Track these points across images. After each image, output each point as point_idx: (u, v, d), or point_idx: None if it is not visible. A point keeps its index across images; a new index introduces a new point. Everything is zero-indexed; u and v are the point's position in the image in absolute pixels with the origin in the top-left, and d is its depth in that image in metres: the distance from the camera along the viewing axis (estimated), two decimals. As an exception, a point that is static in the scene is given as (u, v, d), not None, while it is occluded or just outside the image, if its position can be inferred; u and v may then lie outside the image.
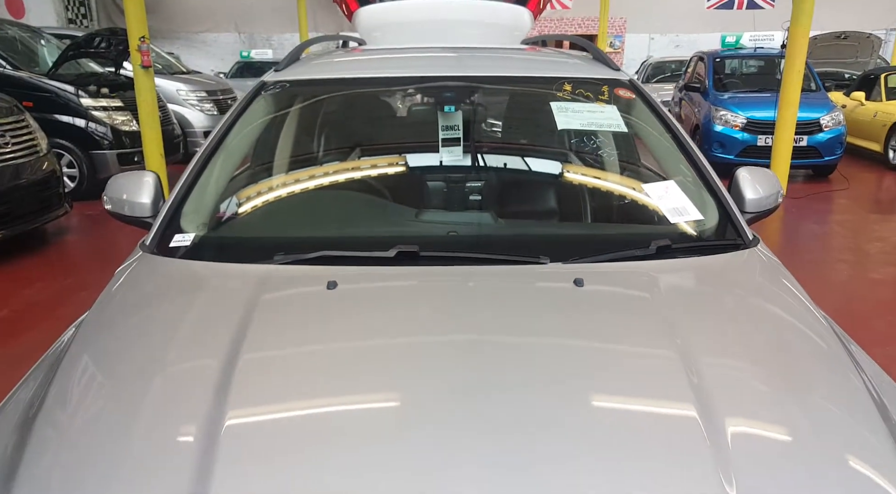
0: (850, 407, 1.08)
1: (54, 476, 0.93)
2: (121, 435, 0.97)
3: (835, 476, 0.91)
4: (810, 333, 1.28)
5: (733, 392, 1.05)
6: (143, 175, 1.83)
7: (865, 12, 17.35)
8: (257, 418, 0.99)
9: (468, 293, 1.32)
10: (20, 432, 1.03)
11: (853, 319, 3.72)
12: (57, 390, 1.11)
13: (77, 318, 1.55)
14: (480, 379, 1.05)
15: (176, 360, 1.15)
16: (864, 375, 1.18)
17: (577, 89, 1.97)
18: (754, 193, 1.79)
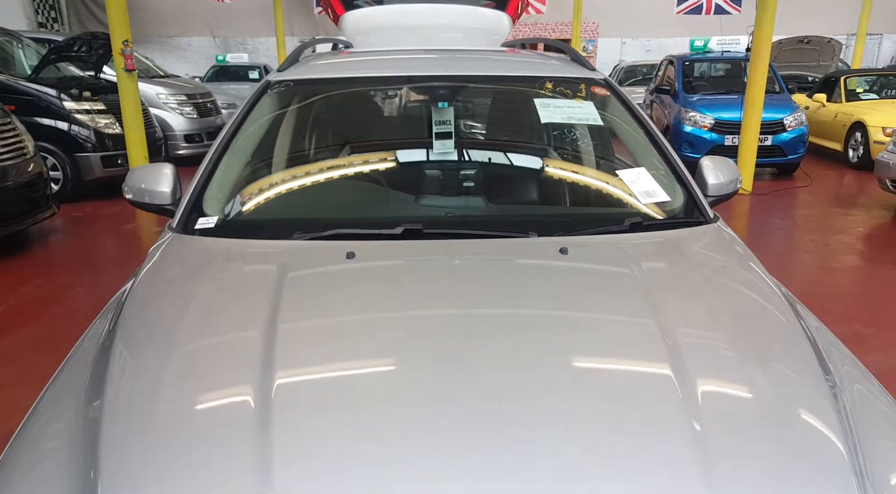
0: (795, 361, 1.25)
1: (131, 417, 1.07)
2: (184, 393, 1.10)
3: (784, 422, 1.06)
4: (760, 294, 1.49)
5: (692, 339, 1.23)
6: (161, 167, 1.98)
7: (828, 18, 18.07)
8: (301, 377, 1.13)
9: (469, 261, 1.51)
10: (93, 387, 1.17)
11: (812, 302, 3.99)
12: (120, 345, 1.25)
13: (76, 312, 1.67)
14: (485, 328, 1.24)
15: (223, 323, 1.30)
16: (807, 331, 1.37)
17: (557, 87, 2.18)
18: (716, 179, 2.02)
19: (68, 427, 1.10)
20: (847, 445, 1.01)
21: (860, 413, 1.12)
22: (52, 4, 15.83)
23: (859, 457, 1.00)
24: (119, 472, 0.95)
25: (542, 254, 1.53)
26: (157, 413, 1.07)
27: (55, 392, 1.24)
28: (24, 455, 1.07)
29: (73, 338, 3.10)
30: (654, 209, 1.84)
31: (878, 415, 1.16)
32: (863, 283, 4.49)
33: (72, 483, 0.96)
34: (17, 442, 1.10)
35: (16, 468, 1.04)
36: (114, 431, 1.03)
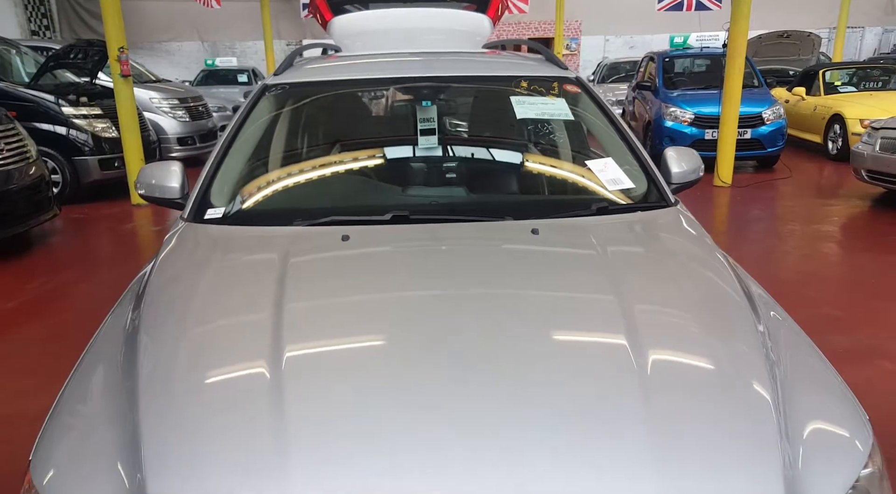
0: (736, 328, 1.39)
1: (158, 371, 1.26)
2: (207, 365, 1.26)
3: (721, 386, 1.21)
4: (711, 268, 1.68)
5: (646, 311, 1.40)
6: (170, 164, 2.16)
7: (809, 12, 18.40)
8: (309, 350, 1.29)
9: (451, 241, 1.71)
10: (128, 350, 1.35)
11: (786, 287, 4.22)
12: (147, 322, 1.43)
13: (82, 305, 1.83)
14: (463, 299, 1.45)
15: (237, 297, 1.49)
16: (749, 299, 1.54)
17: (532, 86, 2.39)
18: (679, 168, 2.22)
19: (105, 396, 1.25)
20: (776, 407, 1.14)
21: (793, 374, 1.28)
22: (44, 13, 15.91)
23: (783, 417, 1.13)
24: (158, 436, 1.09)
25: (516, 235, 1.74)
26: (187, 381, 1.22)
27: (88, 364, 1.40)
28: (65, 419, 1.23)
29: (80, 328, 3.38)
30: (620, 195, 2.04)
31: (807, 375, 1.33)
32: (835, 269, 4.73)
33: (113, 442, 1.11)
34: (58, 408, 1.27)
35: (57, 433, 1.19)
36: (149, 399, 1.17)
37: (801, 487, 1.02)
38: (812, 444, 1.11)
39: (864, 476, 1.09)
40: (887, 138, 5.98)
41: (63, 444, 1.16)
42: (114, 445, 1.11)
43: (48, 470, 1.10)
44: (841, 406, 1.23)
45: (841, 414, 1.21)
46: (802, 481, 1.03)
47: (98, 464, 1.08)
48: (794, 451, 1.08)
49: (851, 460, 1.10)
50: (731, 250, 5.06)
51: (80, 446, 1.15)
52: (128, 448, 1.09)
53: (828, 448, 1.12)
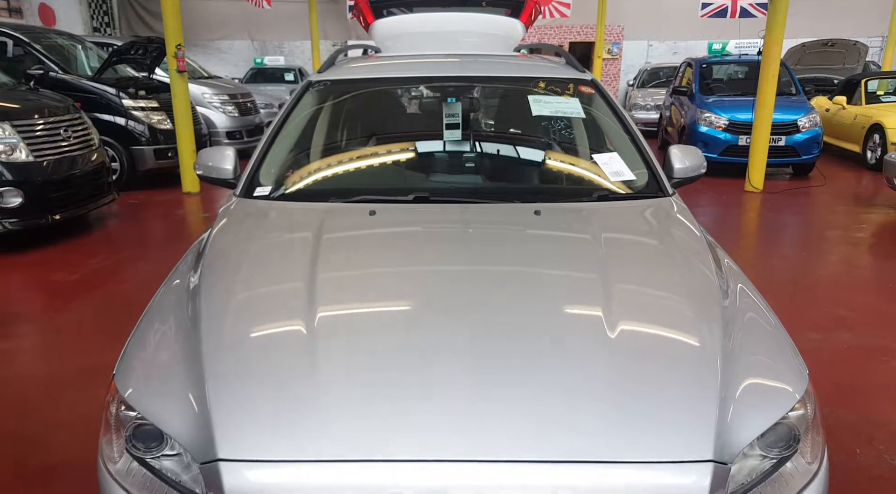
0: (701, 301, 1.56)
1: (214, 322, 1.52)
2: (254, 319, 1.49)
3: (675, 349, 1.41)
4: (692, 250, 1.86)
5: (625, 286, 1.61)
6: (224, 149, 2.47)
7: (860, 21, 17.99)
8: (337, 312, 1.52)
9: (465, 218, 1.96)
10: (192, 300, 1.61)
11: (799, 288, 4.33)
12: (207, 273, 1.71)
13: (137, 278, 2.08)
14: (471, 267, 1.70)
15: (281, 259, 1.77)
16: (721, 279, 1.69)
17: (550, 86, 2.62)
18: (681, 164, 2.42)
19: (172, 333, 1.51)
20: (722, 368, 1.31)
21: (748, 337, 1.46)
22: (105, 10, 16.79)
23: (730, 372, 1.30)
24: (218, 374, 1.31)
25: (520, 216, 1.98)
26: (239, 331, 1.46)
27: (158, 305, 1.67)
28: (141, 346, 1.51)
29: (136, 298, 3.80)
30: (621, 185, 2.26)
31: (760, 337, 1.50)
32: (853, 273, 4.79)
33: (181, 371, 1.35)
34: (135, 337, 1.56)
35: (135, 355, 1.48)
36: (209, 343, 1.39)
37: (735, 420, 1.23)
38: (751, 389, 1.31)
39: (792, 416, 1.29)
40: (920, 148, 5.97)
41: (140, 366, 1.44)
42: (181, 373, 1.36)
43: (128, 387, 1.38)
44: (784, 362, 1.43)
45: (782, 369, 1.40)
46: (732, 418, 1.23)
47: (170, 387, 1.34)
48: (734, 394, 1.28)
49: (781, 403, 1.29)
50: (745, 251, 5.17)
51: (154, 369, 1.43)
52: (193, 378, 1.33)
53: (763, 394, 1.32)
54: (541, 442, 1.14)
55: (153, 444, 1.29)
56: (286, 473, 1.11)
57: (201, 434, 1.20)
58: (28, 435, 2.51)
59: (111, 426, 1.36)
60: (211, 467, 1.14)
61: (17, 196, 4.87)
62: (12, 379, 3.02)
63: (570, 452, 1.13)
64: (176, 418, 1.26)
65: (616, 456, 1.13)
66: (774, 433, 1.26)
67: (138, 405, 1.31)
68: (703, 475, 1.11)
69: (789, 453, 1.29)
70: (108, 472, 1.31)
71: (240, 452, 1.14)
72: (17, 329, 3.62)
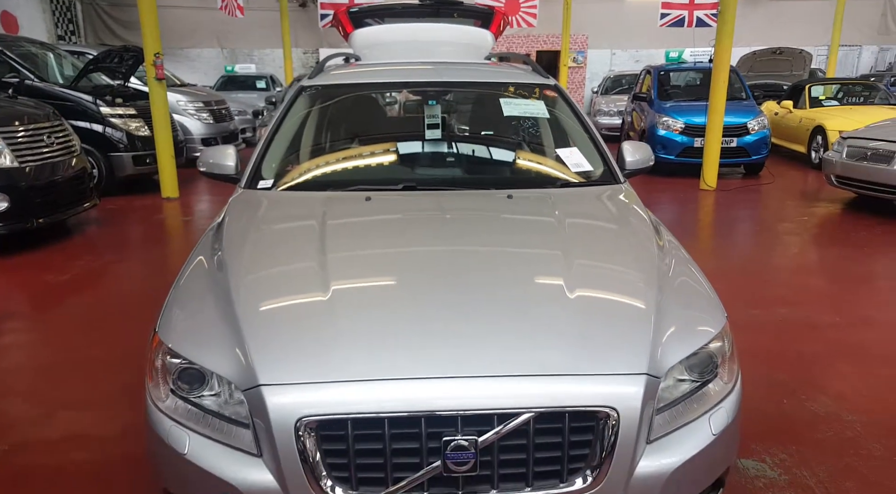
0: (640, 263, 1.88)
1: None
2: (274, 287, 1.75)
3: (618, 306, 1.70)
4: (636, 226, 2.17)
5: (581, 258, 1.90)
6: (226, 148, 2.72)
7: (807, 31, 19.02)
8: (348, 285, 1.75)
9: (447, 201, 2.28)
10: (216, 270, 1.88)
11: (748, 273, 4.76)
12: (228, 246, 1.96)
13: (122, 279, 2.31)
14: (456, 237, 2.01)
15: (291, 234, 2.05)
16: (659, 247, 2.02)
17: (518, 90, 2.95)
18: (632, 157, 2.77)
19: (206, 292, 1.76)
20: (656, 311, 1.61)
21: (679, 290, 1.79)
22: (70, 18, 16.68)
23: (661, 315, 1.61)
24: (253, 328, 1.53)
25: (495, 199, 2.30)
26: (265, 293, 1.71)
27: (191, 271, 1.92)
28: (180, 303, 1.77)
29: (123, 296, 4.10)
30: (581, 174, 2.60)
31: (689, 290, 1.84)
32: (795, 259, 5.24)
33: (219, 323, 1.59)
34: (174, 294, 1.82)
35: (176, 311, 1.73)
36: (242, 302, 1.63)
37: (664, 347, 1.55)
38: (679, 326, 1.63)
39: (712, 347, 1.62)
40: (853, 147, 6.51)
41: (181, 322, 1.70)
42: (218, 323, 1.61)
43: (172, 339, 1.63)
44: (706, 310, 1.75)
45: (705, 314, 1.73)
46: (663, 346, 1.55)
47: (210, 335, 1.59)
48: (665, 330, 1.61)
49: (701, 336, 1.62)
50: (699, 242, 5.61)
51: (193, 323, 1.68)
52: (229, 326, 1.58)
53: (688, 330, 1.64)
54: (509, 363, 1.44)
55: (196, 385, 1.55)
56: (313, 391, 1.39)
57: (242, 368, 1.47)
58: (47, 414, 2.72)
59: (157, 373, 1.62)
60: (254, 392, 1.42)
61: (3, 200, 5.00)
62: (24, 367, 3.21)
63: (533, 368, 1.43)
64: (218, 358, 1.52)
65: (569, 371, 1.43)
66: (697, 359, 1.59)
67: (184, 352, 1.57)
68: (638, 384, 1.43)
69: (710, 377, 1.62)
70: (157, 409, 1.57)
71: (277, 378, 1.42)
72: (20, 323, 3.79)
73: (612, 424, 1.39)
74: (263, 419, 1.39)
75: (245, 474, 1.41)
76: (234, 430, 1.47)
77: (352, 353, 1.46)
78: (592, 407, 1.39)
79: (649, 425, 1.46)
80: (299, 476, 1.36)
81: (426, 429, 1.36)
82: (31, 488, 2.23)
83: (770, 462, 2.35)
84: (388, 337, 1.51)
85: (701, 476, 1.56)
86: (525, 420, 1.36)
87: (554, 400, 1.38)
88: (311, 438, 1.36)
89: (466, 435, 1.35)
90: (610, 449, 1.39)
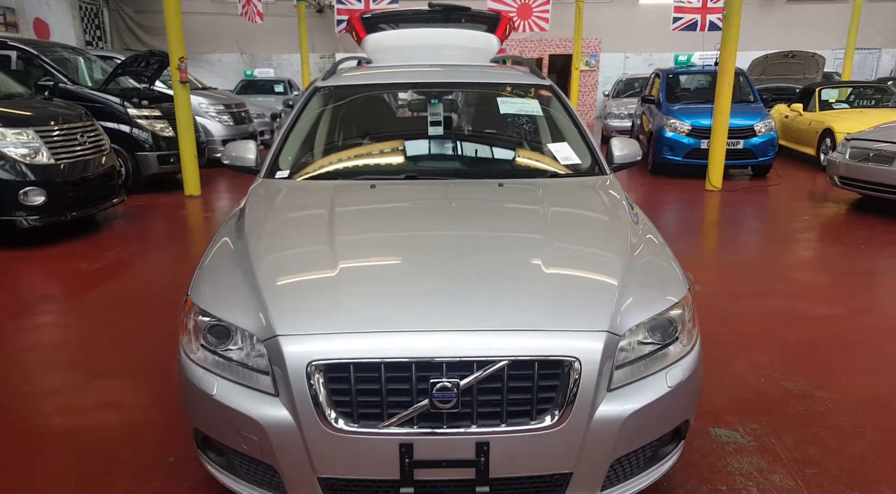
0: (613, 244, 2.10)
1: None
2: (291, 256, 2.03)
3: (590, 276, 1.93)
4: (614, 211, 2.40)
5: (559, 241, 2.11)
6: (247, 143, 2.99)
7: (825, 34, 19.03)
8: (352, 256, 2.00)
9: (446, 189, 2.53)
10: (240, 242, 2.14)
11: (744, 266, 4.94)
12: (249, 225, 2.22)
13: (151, 267, 2.61)
14: (450, 219, 2.25)
15: (306, 214, 2.31)
16: (633, 230, 2.23)
17: (515, 90, 3.20)
18: (620, 152, 3.00)
19: (232, 263, 2.02)
20: (620, 287, 1.82)
21: (647, 267, 2.00)
22: (98, 25, 17.26)
23: (627, 289, 1.83)
24: (272, 292, 1.79)
25: (488, 187, 2.55)
26: (281, 265, 1.97)
27: (218, 248, 2.18)
28: (210, 271, 2.04)
29: (151, 283, 4.48)
30: (570, 167, 2.83)
31: (657, 266, 2.05)
32: (793, 255, 5.40)
33: (244, 288, 1.85)
34: (204, 263, 2.08)
35: (206, 278, 1.99)
36: (263, 272, 1.89)
37: (626, 310, 1.77)
38: (642, 293, 1.85)
39: (672, 313, 1.85)
40: (856, 148, 6.64)
41: (209, 286, 1.96)
42: (242, 287, 1.86)
43: (203, 301, 1.89)
44: (670, 282, 1.97)
45: (668, 285, 1.95)
46: (625, 310, 1.78)
47: (235, 296, 1.85)
48: (629, 295, 1.83)
49: (661, 302, 1.84)
50: (701, 239, 5.79)
51: (220, 288, 1.93)
52: (251, 289, 1.84)
53: (650, 297, 1.86)
54: (488, 320, 1.68)
55: (222, 340, 1.81)
56: (322, 341, 1.64)
57: (262, 323, 1.72)
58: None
59: (189, 330, 1.88)
60: (272, 342, 1.67)
61: (41, 195, 5.34)
62: (64, 342, 3.51)
63: (508, 324, 1.67)
64: (242, 316, 1.78)
65: (539, 327, 1.67)
66: (658, 323, 1.82)
67: (213, 311, 1.83)
68: (599, 339, 1.65)
69: (671, 341, 1.84)
70: (190, 359, 1.84)
71: (292, 329, 1.67)
72: (60, 304, 4.10)
73: (576, 372, 1.62)
74: (280, 364, 1.64)
75: (265, 410, 1.66)
76: (255, 376, 1.73)
77: (354, 310, 1.72)
78: (558, 357, 1.62)
79: (610, 375, 1.69)
80: (310, 411, 1.61)
81: (416, 373, 1.60)
82: (75, 442, 2.51)
83: (742, 431, 2.56)
84: (386, 298, 1.76)
85: (656, 424, 1.78)
86: (500, 367, 1.60)
87: (525, 350, 1.62)
88: (320, 379, 1.61)
89: (450, 379, 1.59)
90: (573, 394, 1.62)
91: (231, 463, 1.83)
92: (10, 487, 2.25)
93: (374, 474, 1.65)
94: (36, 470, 2.34)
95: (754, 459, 2.37)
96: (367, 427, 1.61)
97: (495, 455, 1.62)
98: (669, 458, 1.90)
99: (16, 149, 5.33)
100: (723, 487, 2.21)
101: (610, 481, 1.76)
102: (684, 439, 1.95)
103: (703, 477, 2.26)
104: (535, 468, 1.66)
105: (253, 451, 1.71)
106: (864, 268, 4.93)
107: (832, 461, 2.37)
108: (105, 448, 2.46)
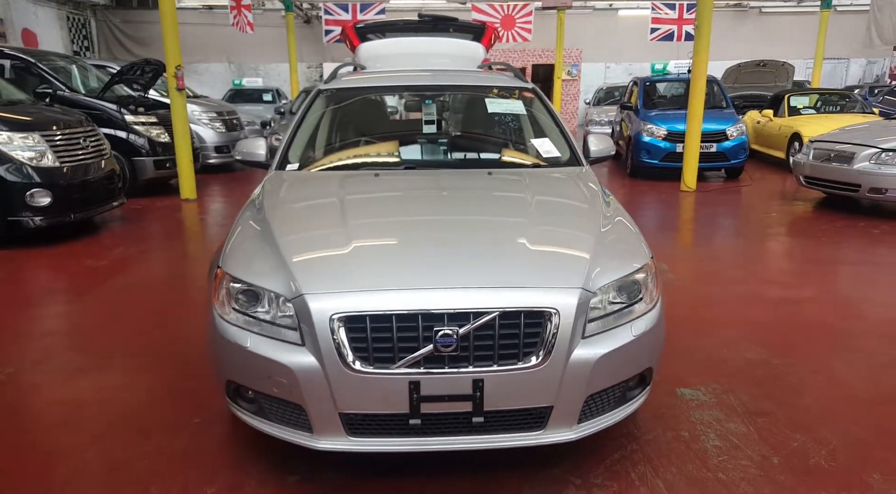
0: (585, 224, 2.42)
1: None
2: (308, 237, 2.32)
3: (565, 252, 2.23)
4: (587, 196, 2.72)
5: (540, 221, 2.44)
6: (258, 140, 3.29)
7: (796, 44, 19.75)
8: (366, 240, 2.29)
9: (441, 177, 2.85)
10: (262, 224, 2.43)
11: (719, 257, 5.30)
12: (268, 207, 2.51)
13: (152, 264, 2.91)
14: (447, 202, 2.57)
15: (317, 200, 2.62)
16: (605, 212, 2.57)
17: (500, 92, 3.54)
18: (596, 147, 3.34)
19: (256, 239, 2.31)
20: (591, 261, 2.12)
21: (617, 242, 2.33)
22: (85, 35, 17.42)
23: (597, 260, 2.15)
24: (296, 259, 2.10)
25: (477, 175, 2.88)
26: (301, 242, 2.26)
27: (241, 226, 2.47)
28: (238, 245, 2.32)
29: (156, 275, 4.84)
30: (550, 159, 3.17)
31: (625, 242, 2.36)
32: (760, 248, 5.78)
33: (270, 260, 2.13)
34: (231, 238, 2.37)
35: (235, 251, 2.27)
36: (282, 236, 2.21)
37: (598, 273, 2.09)
38: (610, 260, 2.18)
39: (637, 276, 2.17)
40: (819, 149, 7.09)
41: (239, 256, 2.24)
42: (268, 256, 2.15)
43: (234, 268, 2.18)
44: (635, 251, 2.30)
45: (633, 253, 2.28)
46: (597, 272, 2.10)
47: (263, 264, 2.14)
48: (599, 262, 2.15)
49: (628, 267, 2.17)
50: (673, 232, 6.16)
51: (248, 257, 2.22)
52: (276, 257, 2.13)
53: (618, 263, 2.18)
54: (482, 278, 2.00)
55: (252, 303, 2.10)
56: (342, 297, 1.94)
57: (289, 285, 2.02)
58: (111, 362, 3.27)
59: (221, 295, 2.17)
60: (299, 300, 1.96)
61: (46, 196, 5.57)
62: (79, 328, 3.76)
63: (499, 282, 1.98)
64: (270, 282, 2.07)
65: (525, 285, 1.98)
66: (625, 284, 2.14)
67: (244, 277, 2.12)
68: (574, 295, 1.97)
69: (636, 300, 2.17)
70: (224, 320, 2.12)
71: (316, 288, 1.97)
72: (71, 296, 4.34)
73: (555, 321, 1.93)
74: (306, 318, 1.94)
75: (294, 357, 1.95)
76: (282, 331, 2.02)
77: (368, 273, 2.02)
78: (541, 308, 1.94)
79: (584, 326, 2.01)
80: (333, 356, 1.90)
81: (422, 323, 1.90)
82: (105, 411, 2.78)
83: (703, 391, 2.89)
84: (395, 264, 2.08)
85: (623, 367, 2.10)
86: (492, 317, 1.91)
87: (513, 303, 1.93)
88: (341, 329, 1.91)
89: (450, 327, 1.89)
90: (553, 339, 1.93)
91: (261, 408, 2.12)
92: (63, 442, 2.50)
93: (388, 408, 1.95)
94: (76, 430, 2.60)
95: (714, 411, 2.70)
96: (382, 369, 1.91)
97: (489, 391, 1.93)
98: (636, 400, 2.22)
99: (22, 153, 5.56)
100: (685, 433, 2.54)
101: (585, 415, 2.07)
102: (649, 385, 2.27)
103: (668, 426, 2.59)
104: (521, 401, 1.97)
105: (282, 393, 2.00)
106: (824, 258, 5.32)
107: (781, 411, 2.71)
108: (132, 413, 2.73)
